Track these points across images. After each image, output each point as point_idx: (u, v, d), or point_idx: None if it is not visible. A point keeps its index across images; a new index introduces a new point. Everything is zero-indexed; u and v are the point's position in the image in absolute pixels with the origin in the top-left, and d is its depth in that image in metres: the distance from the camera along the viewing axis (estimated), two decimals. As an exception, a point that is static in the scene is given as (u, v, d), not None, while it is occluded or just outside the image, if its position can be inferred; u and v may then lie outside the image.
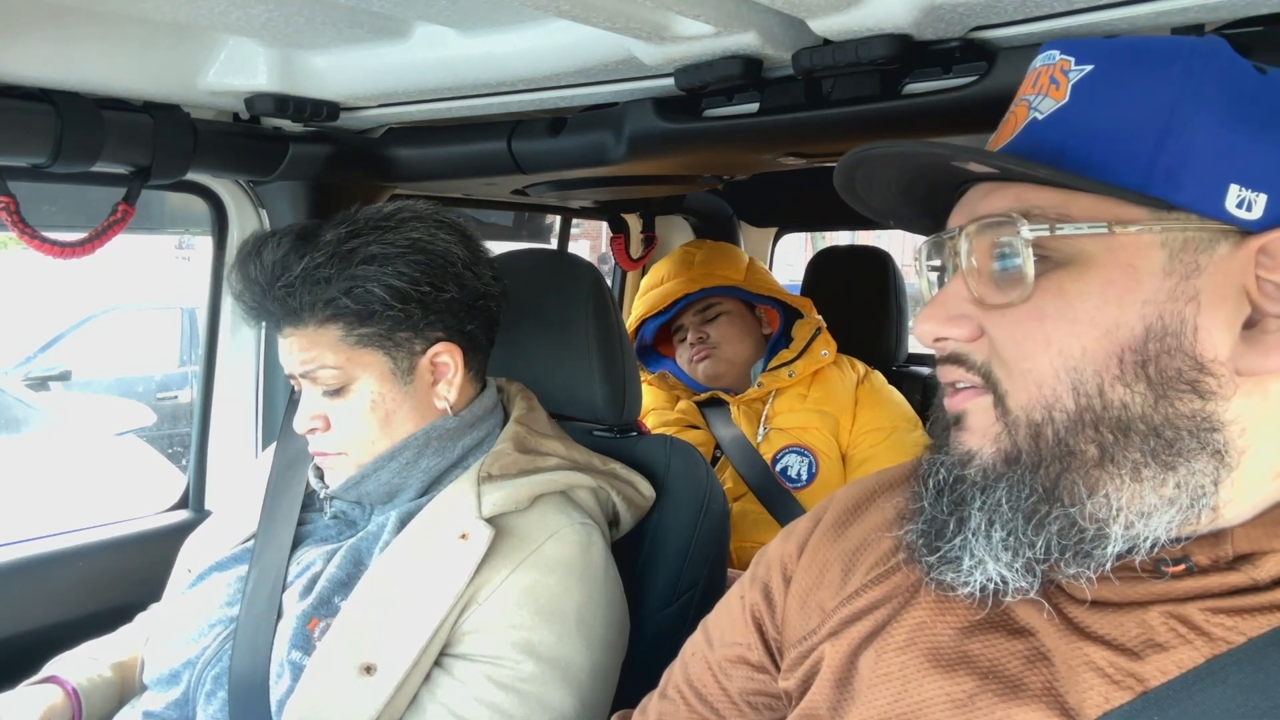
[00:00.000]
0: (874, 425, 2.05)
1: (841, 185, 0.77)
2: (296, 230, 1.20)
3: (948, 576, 0.70)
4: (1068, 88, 0.68)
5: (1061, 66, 0.69)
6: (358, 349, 1.18)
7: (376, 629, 1.10)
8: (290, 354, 1.20)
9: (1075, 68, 0.68)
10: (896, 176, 0.75)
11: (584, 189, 1.88)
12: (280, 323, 1.20)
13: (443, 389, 1.24)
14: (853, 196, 0.78)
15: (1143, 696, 0.63)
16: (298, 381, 1.23)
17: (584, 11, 0.96)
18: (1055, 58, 0.70)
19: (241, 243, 1.22)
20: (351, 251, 1.16)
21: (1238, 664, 0.61)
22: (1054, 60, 0.70)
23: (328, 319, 1.17)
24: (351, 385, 1.19)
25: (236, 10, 1.09)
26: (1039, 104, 0.69)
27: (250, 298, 1.19)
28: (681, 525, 1.34)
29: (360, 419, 1.20)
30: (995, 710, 0.67)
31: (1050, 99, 0.69)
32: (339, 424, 1.20)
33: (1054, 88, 0.69)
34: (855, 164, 0.73)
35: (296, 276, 1.15)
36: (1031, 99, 0.70)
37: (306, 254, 1.16)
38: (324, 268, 1.15)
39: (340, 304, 1.15)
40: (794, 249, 6.58)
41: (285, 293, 1.16)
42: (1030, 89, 0.71)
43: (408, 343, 1.20)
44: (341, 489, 1.24)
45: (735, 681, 0.91)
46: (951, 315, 0.70)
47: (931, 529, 0.71)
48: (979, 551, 0.67)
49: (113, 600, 1.54)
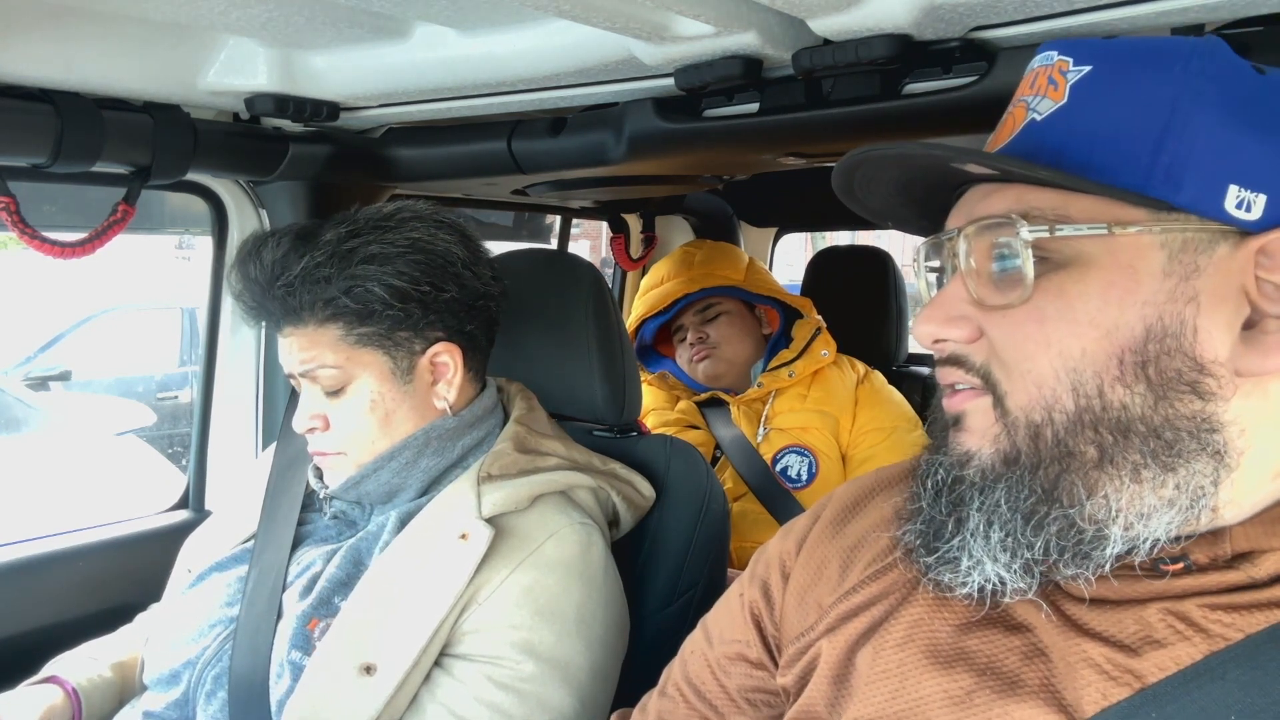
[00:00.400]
0: (874, 425, 2.05)
1: (840, 187, 0.77)
2: (296, 230, 1.20)
3: (945, 577, 0.70)
4: (1066, 88, 0.68)
5: (1060, 67, 0.69)
6: (357, 348, 1.18)
7: (376, 629, 1.10)
8: (290, 353, 1.20)
9: (1074, 68, 0.68)
10: (895, 177, 0.75)
11: (584, 189, 1.88)
12: (280, 322, 1.20)
13: (442, 389, 1.24)
14: (851, 198, 0.78)
15: (1140, 693, 0.63)
16: (297, 381, 1.23)
17: (584, 11, 0.96)
18: (1053, 58, 0.70)
19: (241, 243, 1.23)
20: (351, 251, 1.16)
21: (1235, 660, 0.61)
22: (1052, 61, 0.70)
23: (327, 318, 1.17)
24: (351, 385, 1.19)
25: (236, 10, 1.09)
26: (1037, 105, 0.69)
27: (250, 297, 1.20)
28: (681, 525, 1.34)
29: (359, 418, 1.20)
30: (993, 707, 0.67)
31: (1049, 100, 0.68)
32: (338, 423, 1.20)
33: (1052, 88, 0.69)
34: (854, 165, 0.73)
35: (296, 276, 1.15)
36: (1030, 100, 0.70)
37: (306, 253, 1.16)
38: (324, 267, 1.15)
39: (340, 303, 1.16)
40: (794, 249, 6.59)
41: (285, 292, 1.16)
42: (1028, 90, 0.71)
43: (407, 342, 1.20)
44: (341, 489, 1.24)
45: (734, 679, 0.91)
46: (950, 316, 0.70)
47: (929, 529, 0.71)
48: (977, 552, 0.67)
49: (113, 600, 1.54)
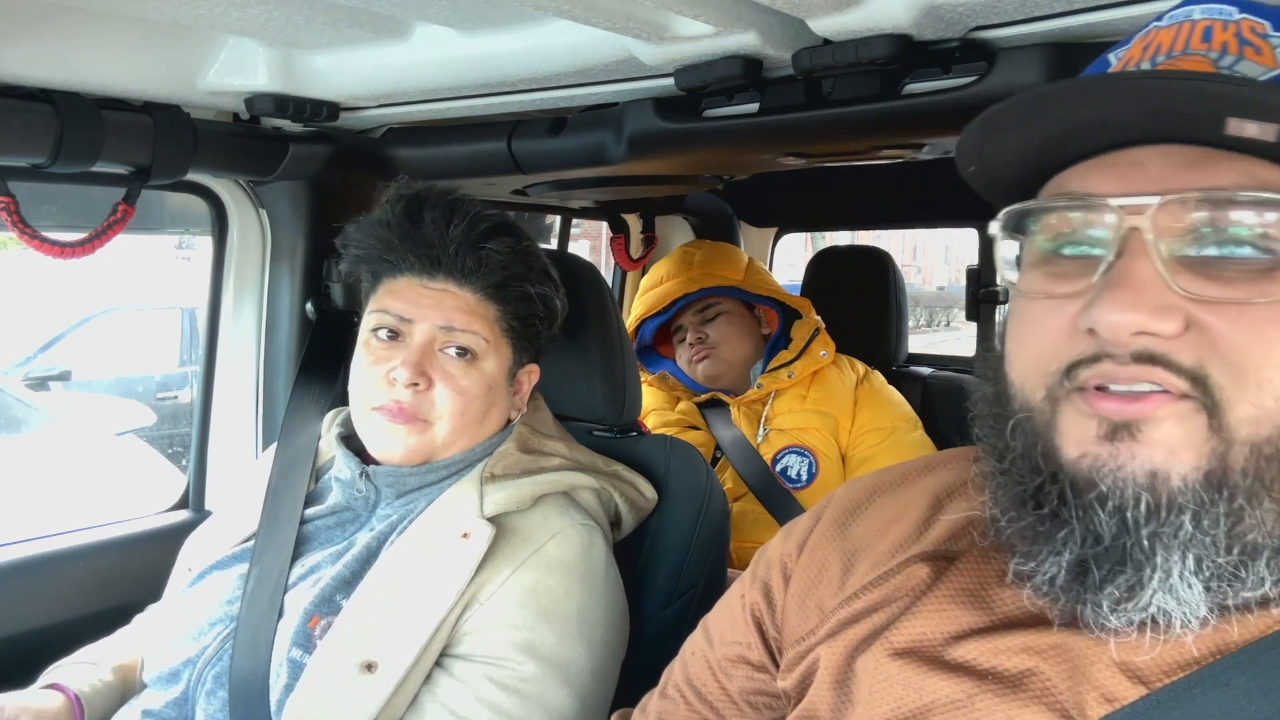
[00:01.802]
0: (874, 425, 2.05)
1: (985, 124, 0.63)
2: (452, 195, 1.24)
3: (1109, 609, 0.60)
4: (1274, 54, 0.59)
5: (1253, 28, 0.60)
6: (503, 336, 1.25)
7: (378, 627, 1.10)
8: (438, 306, 1.20)
9: (1275, 33, 0.60)
10: (1045, 133, 0.63)
11: (584, 189, 1.88)
12: (435, 273, 1.21)
13: (517, 401, 1.32)
14: (969, 151, 0.66)
15: (1144, 699, 0.62)
16: (409, 331, 1.21)
17: (584, 11, 0.96)
18: (1234, 14, 0.61)
19: (400, 190, 1.24)
20: (533, 257, 1.26)
21: (1239, 667, 0.61)
22: (1233, 17, 0.61)
23: (493, 297, 1.23)
24: (480, 363, 1.22)
25: (236, 10, 1.09)
26: (1234, 66, 0.59)
27: (402, 239, 1.21)
28: (681, 525, 1.34)
29: (473, 391, 1.22)
30: (995, 712, 0.66)
31: (1253, 63, 0.59)
32: (449, 386, 1.20)
33: (1253, 51, 0.59)
34: (1059, 95, 0.60)
35: (483, 245, 1.20)
36: (1214, 56, 0.60)
37: (487, 230, 1.21)
38: (513, 259, 1.22)
39: (515, 291, 1.23)
40: (794, 249, 6.58)
41: (465, 251, 1.19)
42: (1200, 44, 0.61)
43: (525, 353, 1.30)
44: (386, 474, 1.23)
45: (735, 681, 0.91)
46: (1159, 306, 0.58)
47: (1095, 559, 0.60)
48: (1174, 585, 0.58)
49: (113, 600, 1.53)
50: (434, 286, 1.22)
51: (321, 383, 1.54)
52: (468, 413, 1.22)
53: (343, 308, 1.70)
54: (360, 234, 1.25)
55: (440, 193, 1.23)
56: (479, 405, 1.23)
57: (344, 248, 1.28)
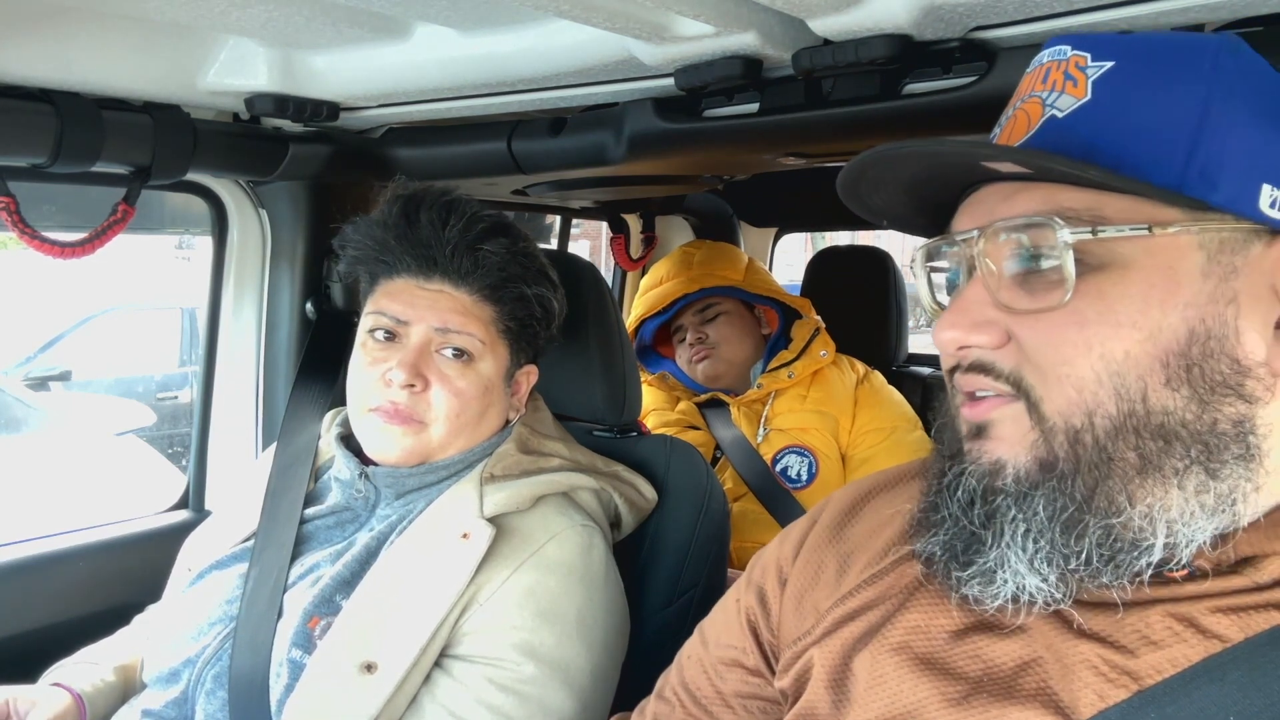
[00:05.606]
0: (874, 425, 2.05)
1: (847, 183, 0.74)
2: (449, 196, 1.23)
3: (976, 590, 0.68)
4: (1088, 85, 0.66)
5: (1076, 62, 0.67)
6: (500, 337, 1.25)
7: (378, 627, 1.10)
8: (433, 307, 1.20)
9: (1093, 64, 0.66)
10: (908, 175, 0.73)
11: (584, 189, 1.88)
12: (431, 274, 1.21)
13: (515, 402, 1.32)
14: (853, 196, 0.76)
15: (1139, 695, 0.63)
16: (405, 332, 1.21)
17: (584, 11, 0.96)
18: (1067, 53, 0.68)
19: (397, 191, 1.24)
20: (530, 258, 1.25)
21: (1235, 662, 0.61)
22: (1065, 56, 0.68)
23: (489, 298, 1.22)
24: (477, 364, 1.22)
25: (236, 10, 1.09)
26: (1055, 101, 0.67)
27: (398, 239, 1.20)
28: (681, 525, 1.34)
29: (469, 393, 1.21)
30: (990, 710, 0.67)
31: (1069, 96, 0.66)
32: (445, 388, 1.20)
33: (1071, 84, 0.66)
34: (872, 162, 0.70)
35: (480, 246, 1.20)
36: (1045, 95, 0.68)
37: (485, 230, 1.21)
38: (509, 259, 1.22)
39: (512, 292, 1.23)
40: (794, 249, 6.58)
41: (461, 251, 1.19)
42: (1040, 85, 0.69)
43: (523, 353, 1.30)
44: (385, 475, 1.23)
45: (729, 684, 0.91)
46: (976, 321, 0.67)
47: (960, 541, 0.69)
48: (1014, 563, 0.65)
49: (113, 600, 1.54)
50: (430, 287, 1.21)
51: (321, 383, 1.54)
52: (464, 414, 1.22)
53: (343, 308, 1.70)
54: (357, 235, 1.25)
55: (437, 193, 1.23)
56: (475, 406, 1.23)
57: (341, 248, 1.28)
